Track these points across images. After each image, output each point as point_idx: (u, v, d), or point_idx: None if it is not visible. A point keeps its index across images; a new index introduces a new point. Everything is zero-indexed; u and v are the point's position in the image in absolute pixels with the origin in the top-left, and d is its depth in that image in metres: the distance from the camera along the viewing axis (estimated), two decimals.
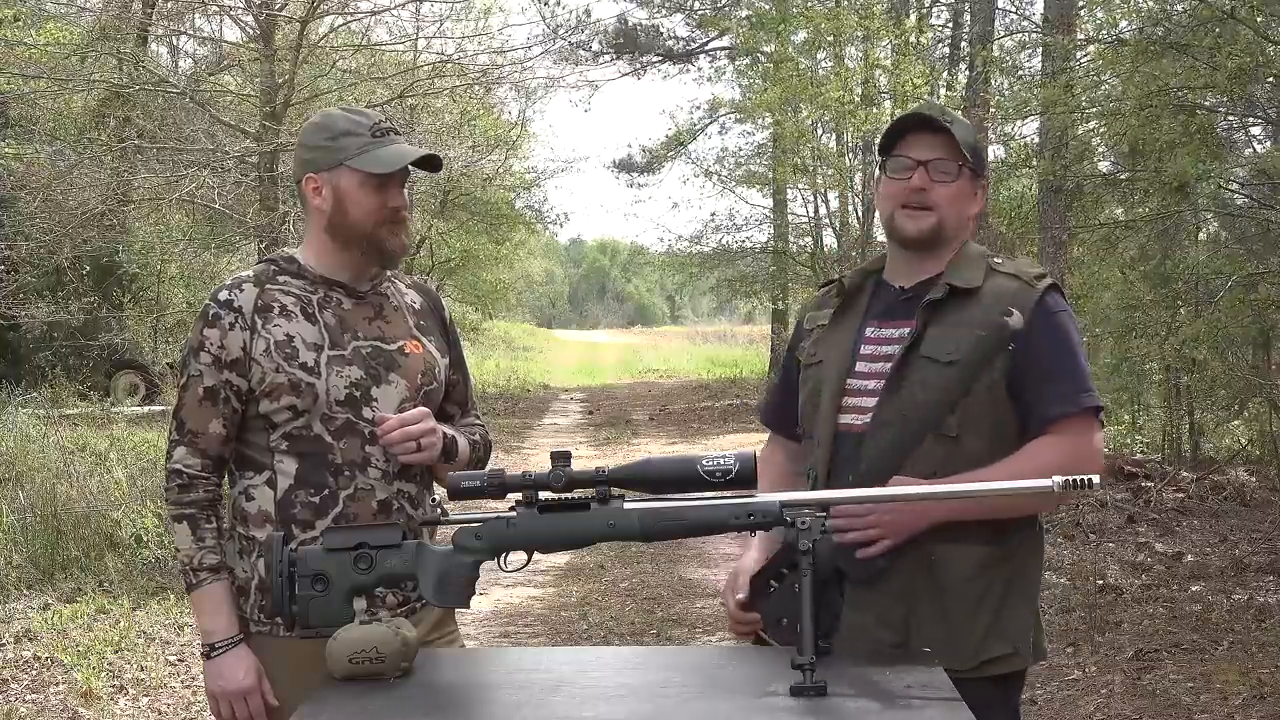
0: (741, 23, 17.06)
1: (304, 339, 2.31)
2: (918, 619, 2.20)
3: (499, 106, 19.96)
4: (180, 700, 5.08)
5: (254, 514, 2.32)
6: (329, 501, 2.30)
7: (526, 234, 25.43)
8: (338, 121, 2.35)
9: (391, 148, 2.34)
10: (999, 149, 12.86)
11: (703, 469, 1.92)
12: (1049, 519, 7.95)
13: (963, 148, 2.29)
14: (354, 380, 2.32)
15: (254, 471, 2.33)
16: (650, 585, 7.19)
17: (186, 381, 2.33)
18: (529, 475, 1.97)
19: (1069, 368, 2.23)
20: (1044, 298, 2.25)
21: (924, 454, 2.18)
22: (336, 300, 2.37)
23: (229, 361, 2.30)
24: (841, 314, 2.41)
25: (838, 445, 2.28)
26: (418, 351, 2.41)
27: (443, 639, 2.44)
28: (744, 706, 1.80)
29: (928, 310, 2.26)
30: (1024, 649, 2.23)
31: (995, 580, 2.21)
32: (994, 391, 2.21)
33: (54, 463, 8.40)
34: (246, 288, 2.34)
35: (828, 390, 2.33)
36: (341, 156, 2.32)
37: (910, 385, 2.22)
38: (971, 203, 2.34)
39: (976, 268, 2.29)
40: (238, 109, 14.06)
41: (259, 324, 2.30)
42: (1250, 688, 4.88)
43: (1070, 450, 2.17)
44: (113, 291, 16.06)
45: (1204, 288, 8.64)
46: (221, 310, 2.32)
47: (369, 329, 2.37)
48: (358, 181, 2.32)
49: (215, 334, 2.31)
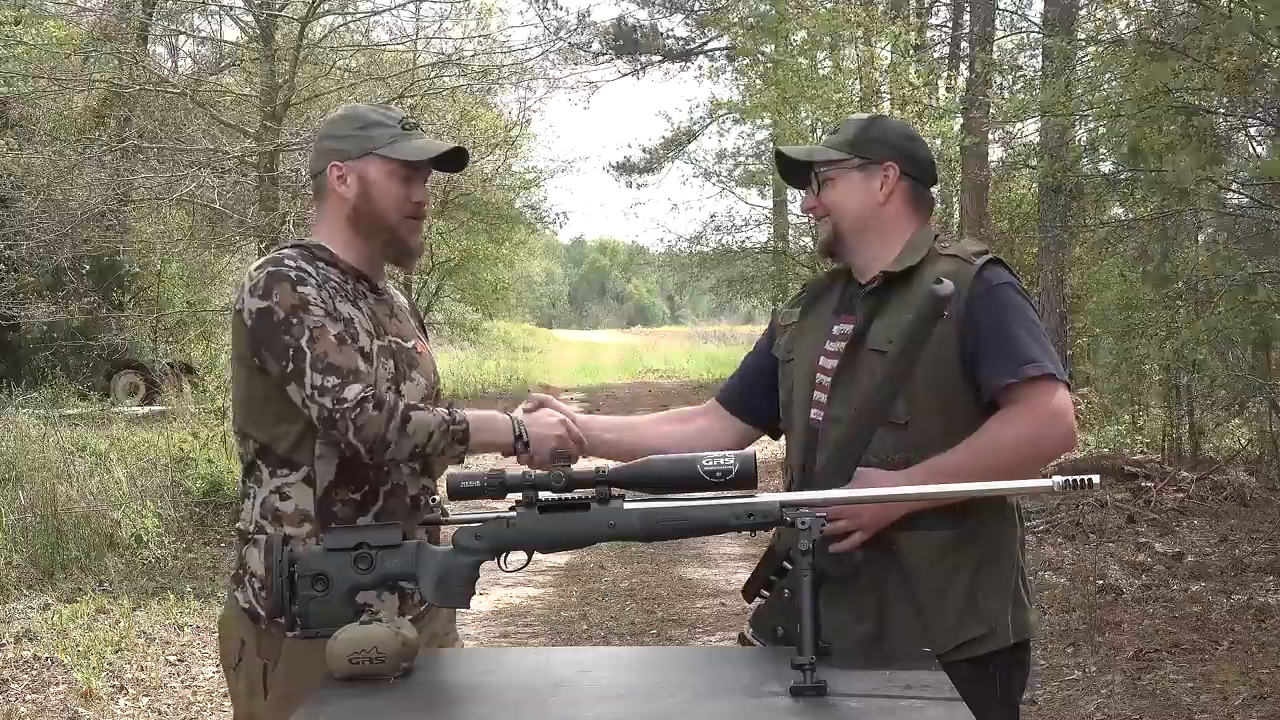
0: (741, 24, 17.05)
1: (360, 323, 2.26)
2: (889, 608, 2.21)
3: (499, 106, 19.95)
4: (180, 700, 5.08)
5: (290, 513, 2.24)
6: (369, 499, 2.26)
7: (526, 234, 25.39)
8: (366, 113, 2.35)
9: (421, 140, 2.34)
10: (999, 149, 12.88)
11: (703, 469, 1.92)
12: (1049, 519, 7.96)
13: (838, 149, 2.34)
14: (391, 374, 2.28)
15: (289, 469, 2.25)
16: (650, 585, 7.19)
17: (313, 335, 2.15)
18: (529, 475, 1.97)
19: (1010, 338, 2.20)
20: (981, 272, 2.24)
21: (876, 443, 2.17)
22: (364, 293, 2.33)
23: (334, 314, 2.21)
24: (809, 311, 2.45)
25: (810, 440, 2.32)
26: (425, 351, 2.42)
27: (446, 639, 2.44)
28: (744, 706, 1.81)
29: (868, 301, 2.30)
30: (1001, 628, 2.22)
31: (962, 563, 2.21)
32: (940, 372, 2.20)
33: (54, 463, 8.39)
34: (300, 259, 2.26)
35: (799, 387, 2.37)
36: (371, 145, 2.30)
37: (859, 378, 2.23)
38: (869, 190, 2.33)
39: (917, 254, 2.30)
40: (238, 109, 14.05)
41: (327, 298, 2.23)
42: (1250, 688, 4.88)
43: (1028, 419, 2.17)
44: (113, 291, 16.05)
45: (1204, 288, 8.65)
46: (301, 271, 2.21)
47: (390, 325, 2.35)
48: (386, 171, 2.30)
49: (310, 291, 2.19)
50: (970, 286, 2.22)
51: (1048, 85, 9.75)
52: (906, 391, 2.17)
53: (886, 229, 2.34)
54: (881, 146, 2.34)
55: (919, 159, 2.38)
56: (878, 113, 2.78)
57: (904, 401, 2.18)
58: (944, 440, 2.18)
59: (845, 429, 2.18)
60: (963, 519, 2.21)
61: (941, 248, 2.31)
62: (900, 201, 2.35)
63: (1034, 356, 2.19)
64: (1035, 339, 2.22)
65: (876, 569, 2.19)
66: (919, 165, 2.37)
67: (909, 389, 2.17)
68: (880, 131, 2.37)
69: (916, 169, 2.37)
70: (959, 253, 2.29)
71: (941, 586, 2.21)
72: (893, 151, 2.34)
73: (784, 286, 20.26)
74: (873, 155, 2.33)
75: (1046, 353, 2.22)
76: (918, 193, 2.37)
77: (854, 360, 2.26)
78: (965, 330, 2.20)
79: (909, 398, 2.19)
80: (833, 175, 2.35)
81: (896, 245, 2.33)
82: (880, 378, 2.14)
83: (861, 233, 2.34)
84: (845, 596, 2.19)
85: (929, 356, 2.16)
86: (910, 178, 2.35)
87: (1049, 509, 8.09)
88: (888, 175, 2.33)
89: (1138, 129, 7.74)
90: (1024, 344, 2.20)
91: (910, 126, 2.49)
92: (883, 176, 2.33)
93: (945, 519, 2.20)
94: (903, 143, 2.37)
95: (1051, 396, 2.19)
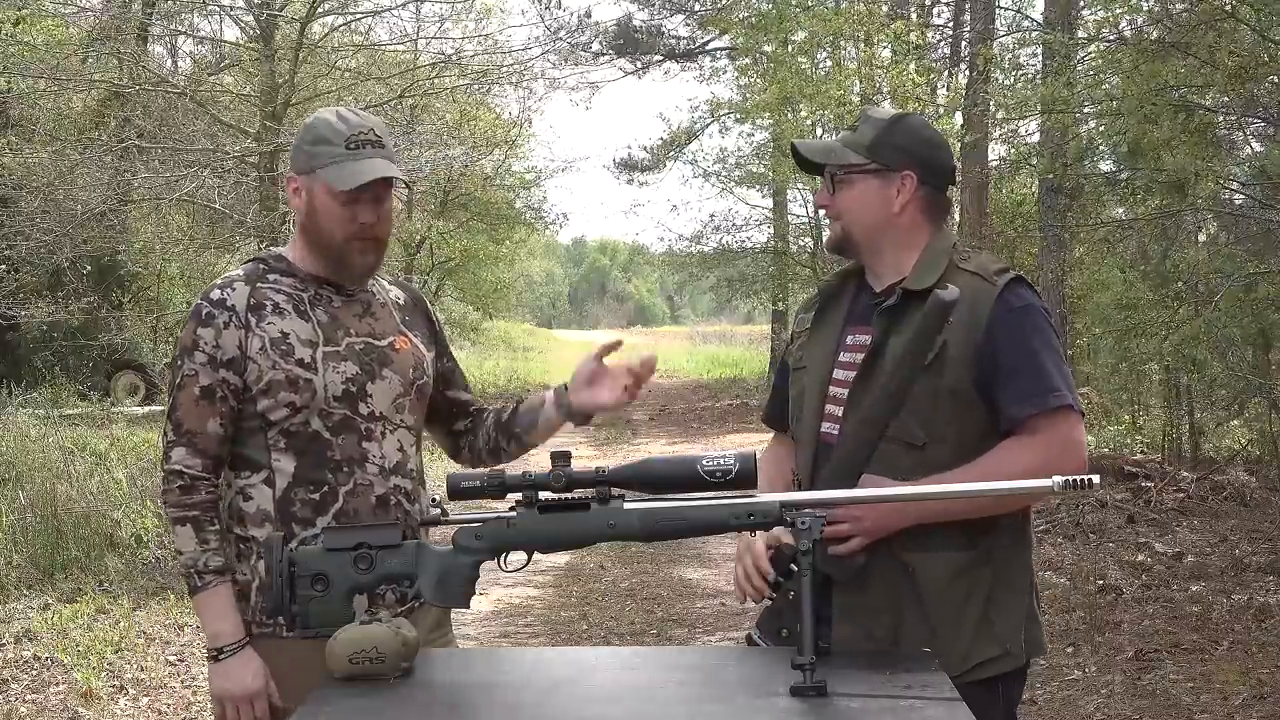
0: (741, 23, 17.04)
1: (299, 336, 2.31)
2: (903, 629, 2.19)
3: (499, 105, 19.95)
4: (180, 700, 5.08)
5: (252, 513, 2.30)
6: (329, 498, 2.30)
7: (526, 234, 25.40)
8: (320, 127, 2.34)
9: (361, 163, 2.30)
10: (999, 148, 12.88)
11: (703, 469, 1.91)
12: (1049, 519, 7.96)
13: (856, 150, 2.27)
14: (350, 376, 2.32)
15: (251, 471, 2.32)
16: (650, 585, 7.19)
17: (181, 381, 2.31)
18: (529, 475, 1.97)
19: (1032, 365, 2.15)
20: (1004, 293, 2.18)
21: (891, 463, 2.13)
22: (327, 298, 2.37)
23: (225, 360, 2.29)
24: (822, 317, 2.40)
25: (818, 451, 2.28)
26: (406, 348, 2.42)
27: (438, 640, 2.44)
28: (744, 706, 1.80)
29: (885, 317, 2.24)
30: (1015, 649, 2.21)
31: (976, 584, 2.19)
32: (959, 396, 2.16)
33: (54, 463, 8.39)
34: (238, 286, 2.33)
35: (810, 396, 2.33)
36: (314, 164, 2.32)
37: (871, 395, 2.16)
38: (884, 199, 2.26)
39: (935, 267, 2.23)
40: (238, 109, 14.05)
41: (253, 322, 2.30)
42: (1250, 688, 4.88)
43: (1041, 452, 2.11)
44: (113, 291, 16.04)
45: (1204, 288, 8.64)
46: (215, 309, 2.31)
47: (360, 325, 2.38)
48: (329, 191, 2.31)
49: (209, 333, 2.30)
50: (992, 308, 2.17)
51: (1048, 83, 9.74)
52: (923, 413, 2.15)
53: (900, 237, 2.28)
54: (901, 153, 2.26)
55: (938, 166, 2.29)
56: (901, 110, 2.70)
57: (920, 424, 2.16)
58: (958, 462, 2.14)
59: (852, 441, 2.14)
60: (978, 540, 2.18)
61: (961, 260, 2.25)
62: (916, 211, 2.27)
63: (1055, 386, 2.15)
64: (1056, 367, 2.17)
65: (890, 589, 2.18)
66: (938, 173, 2.29)
67: (926, 411, 2.14)
68: (902, 136, 2.27)
69: (935, 177, 2.29)
70: (979, 270, 2.22)
71: (956, 608, 2.18)
72: (912, 159, 2.26)
73: (784, 286, 20.29)
74: (891, 163, 2.25)
75: (1066, 381, 2.17)
76: (935, 200, 2.29)
77: (870, 376, 2.21)
78: (984, 353, 2.15)
79: (925, 420, 2.16)
80: (848, 178, 2.28)
81: (911, 253, 2.27)
82: (881, 388, 2.10)
83: (873, 240, 2.29)
84: (858, 616, 2.18)
85: (947, 379, 2.14)
86: (928, 185, 2.27)
87: (1049, 509, 8.09)
88: (905, 184, 2.25)
89: (1138, 126, 7.74)
90: (1045, 372, 2.16)
91: (932, 128, 2.38)
92: (899, 185, 2.25)
93: (961, 540, 2.17)
94: (923, 149, 2.27)
95: (1069, 429, 2.16)
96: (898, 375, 2.06)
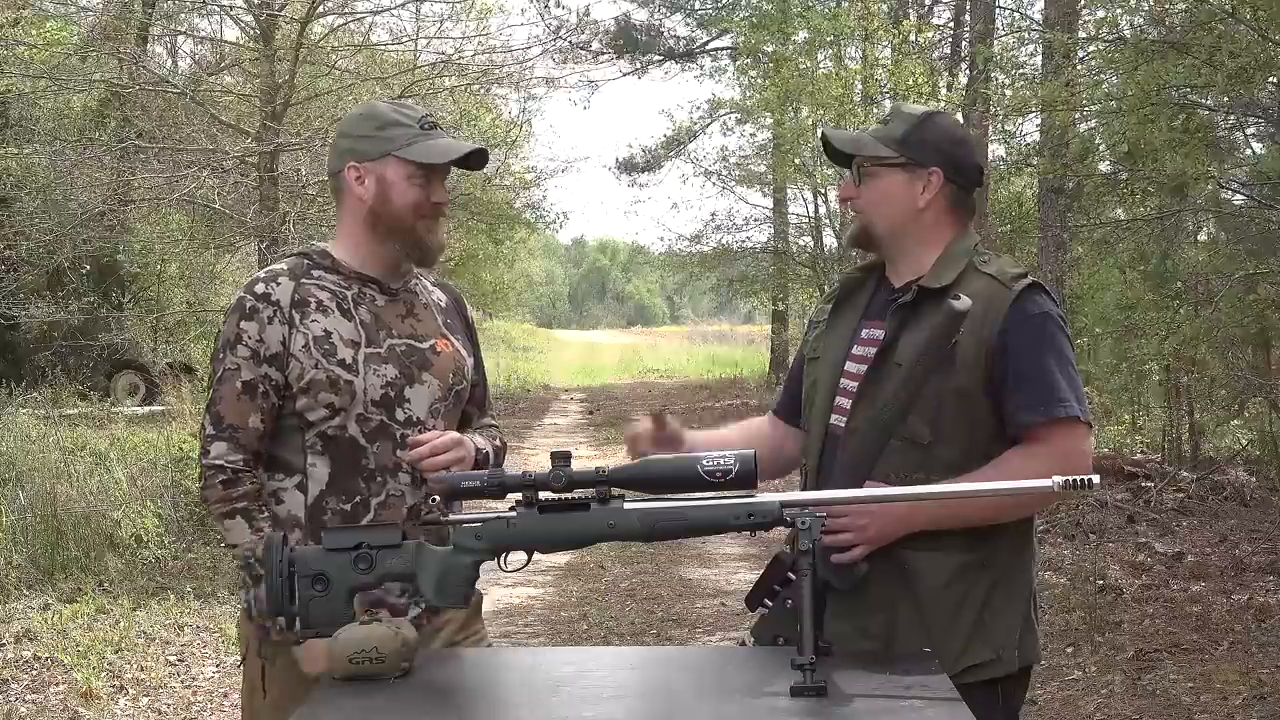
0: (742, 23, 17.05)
1: (341, 335, 2.28)
2: (897, 628, 2.19)
3: (499, 105, 19.94)
4: (180, 700, 5.08)
5: (284, 518, 2.28)
6: (360, 509, 2.27)
7: (526, 234, 25.40)
8: (386, 112, 2.35)
9: (441, 141, 2.33)
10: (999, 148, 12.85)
11: (703, 469, 1.91)
12: (1049, 519, 7.96)
13: (886, 144, 2.27)
14: (389, 380, 2.29)
15: (284, 474, 2.29)
16: (650, 585, 7.19)
17: (223, 375, 2.26)
18: (529, 475, 1.96)
19: (1043, 373, 2.15)
20: (1020, 299, 2.18)
21: (896, 461, 2.14)
22: (370, 297, 2.34)
23: (268, 356, 2.25)
24: (840, 310, 2.41)
25: (827, 444, 2.29)
26: (448, 350, 2.39)
27: (470, 639, 2.42)
28: (744, 706, 1.80)
29: (898, 314, 2.24)
30: (1007, 654, 2.20)
31: (974, 587, 2.19)
32: (967, 396, 2.16)
33: (54, 463, 8.38)
34: (283, 280, 2.29)
35: (822, 388, 2.34)
36: (389, 147, 2.30)
37: (884, 391, 2.17)
38: (910, 194, 2.27)
39: (954, 267, 2.24)
40: (238, 109, 14.04)
41: (297, 318, 2.26)
42: (1250, 688, 4.88)
43: (1044, 462, 2.09)
44: (113, 291, 16.04)
45: (1204, 288, 8.65)
46: (259, 303, 2.27)
47: (402, 327, 2.35)
48: (405, 173, 2.30)
49: (253, 327, 2.26)
50: (1006, 313, 2.16)
51: (1047, 83, 9.74)
52: (930, 413, 2.14)
53: (923, 234, 2.28)
54: (930, 150, 2.26)
55: (965, 165, 2.30)
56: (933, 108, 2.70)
57: (927, 423, 2.15)
58: (964, 463, 2.14)
59: (859, 440, 2.15)
60: (980, 544, 2.18)
61: (981, 262, 2.25)
62: (939, 209, 2.28)
63: (1064, 396, 2.15)
64: (1067, 377, 2.17)
65: (886, 588, 2.18)
66: (965, 172, 2.30)
67: (933, 411, 2.14)
68: (932, 133, 2.28)
69: (962, 176, 2.29)
70: (997, 274, 2.22)
71: (952, 610, 2.18)
72: (941, 157, 2.26)
73: (784, 286, 20.27)
74: (920, 159, 2.26)
75: (1076, 392, 2.17)
76: (959, 199, 2.30)
77: (880, 373, 2.21)
78: (996, 358, 2.15)
79: (932, 419, 2.16)
80: (875, 170, 2.29)
81: (932, 251, 2.27)
82: (892, 392, 2.10)
83: (895, 236, 2.30)
84: (853, 613, 2.18)
85: (956, 380, 2.14)
86: (954, 184, 2.28)
87: (1049, 509, 8.09)
88: (931, 181, 2.26)
89: (1137, 126, 7.74)
90: (1056, 382, 2.15)
91: (963, 128, 2.38)
92: (926, 182, 2.26)
93: (963, 542, 2.17)
94: (952, 148, 2.28)
95: (1077, 440, 2.16)
96: (909, 382, 2.07)
